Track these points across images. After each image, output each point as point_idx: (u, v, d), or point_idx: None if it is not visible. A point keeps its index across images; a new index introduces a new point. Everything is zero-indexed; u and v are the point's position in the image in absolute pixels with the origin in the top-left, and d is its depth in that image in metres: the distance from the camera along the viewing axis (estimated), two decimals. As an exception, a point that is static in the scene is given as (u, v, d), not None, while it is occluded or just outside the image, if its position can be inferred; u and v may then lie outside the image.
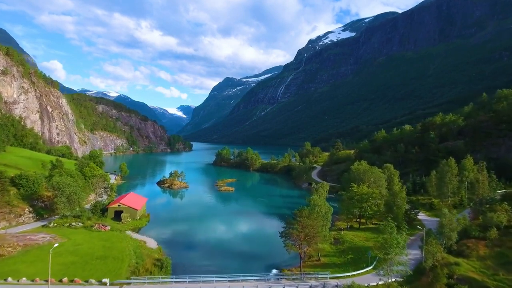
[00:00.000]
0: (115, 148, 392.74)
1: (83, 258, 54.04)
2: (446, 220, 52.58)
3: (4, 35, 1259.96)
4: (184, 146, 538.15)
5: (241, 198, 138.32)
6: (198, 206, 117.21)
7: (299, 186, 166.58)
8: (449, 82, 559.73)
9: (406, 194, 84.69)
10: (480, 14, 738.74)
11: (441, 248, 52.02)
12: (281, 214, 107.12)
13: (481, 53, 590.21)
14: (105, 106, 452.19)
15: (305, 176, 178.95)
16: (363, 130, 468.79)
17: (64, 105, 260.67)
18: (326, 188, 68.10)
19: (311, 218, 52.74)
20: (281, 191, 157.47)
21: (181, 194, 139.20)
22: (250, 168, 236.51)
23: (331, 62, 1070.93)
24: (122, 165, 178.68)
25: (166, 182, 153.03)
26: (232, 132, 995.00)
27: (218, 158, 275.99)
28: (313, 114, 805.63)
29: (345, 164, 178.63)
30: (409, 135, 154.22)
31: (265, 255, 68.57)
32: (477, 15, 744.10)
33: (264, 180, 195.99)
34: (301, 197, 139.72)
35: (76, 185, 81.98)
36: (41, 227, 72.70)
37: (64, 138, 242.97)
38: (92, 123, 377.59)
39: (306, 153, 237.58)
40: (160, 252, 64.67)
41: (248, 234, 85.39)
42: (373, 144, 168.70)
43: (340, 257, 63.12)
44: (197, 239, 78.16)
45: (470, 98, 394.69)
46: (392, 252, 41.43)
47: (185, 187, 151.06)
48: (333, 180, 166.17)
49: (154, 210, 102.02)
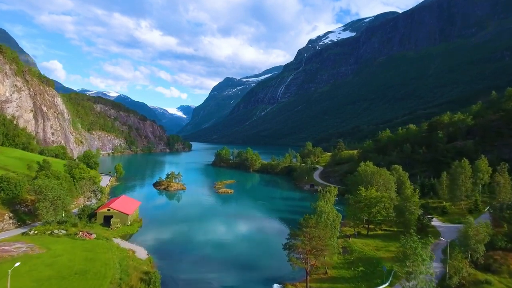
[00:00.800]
0: (113, 148, 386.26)
1: (60, 273, 47.70)
2: (472, 230, 46.29)
3: (4, 35, 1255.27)
4: (183, 146, 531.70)
5: (240, 201, 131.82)
6: (194, 209, 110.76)
7: (300, 188, 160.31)
8: (450, 82, 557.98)
9: (417, 198, 78.42)
10: (481, 14, 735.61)
11: (466, 262, 45.77)
12: (283, 219, 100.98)
13: (482, 53, 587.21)
14: (103, 106, 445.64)
15: (307, 177, 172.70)
16: (364, 130, 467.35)
17: (60, 104, 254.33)
18: (334, 193, 61.62)
19: (319, 228, 46.49)
20: (282, 193, 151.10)
21: (178, 197, 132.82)
22: (250, 169, 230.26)
23: (331, 62, 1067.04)
24: (118, 166, 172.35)
25: (163, 184, 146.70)
26: (232, 132, 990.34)
27: (217, 158, 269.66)
28: (313, 114, 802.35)
29: (348, 165, 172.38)
30: (415, 135, 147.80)
31: (266, 266, 62.25)
32: (478, 14, 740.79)
33: (264, 182, 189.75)
34: (303, 199, 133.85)
35: (61, 189, 75.59)
36: (20, 235, 66.38)
37: (59, 138, 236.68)
38: (90, 123, 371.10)
39: (308, 154, 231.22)
40: (149, 264, 58.38)
41: (248, 242, 79.02)
42: (378, 144, 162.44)
43: (349, 269, 56.79)
44: (192, 247, 71.86)
45: (472, 97, 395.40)
46: (416, 272, 35.16)
47: (182, 189, 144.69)
48: (336, 181, 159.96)
49: (148, 215, 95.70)
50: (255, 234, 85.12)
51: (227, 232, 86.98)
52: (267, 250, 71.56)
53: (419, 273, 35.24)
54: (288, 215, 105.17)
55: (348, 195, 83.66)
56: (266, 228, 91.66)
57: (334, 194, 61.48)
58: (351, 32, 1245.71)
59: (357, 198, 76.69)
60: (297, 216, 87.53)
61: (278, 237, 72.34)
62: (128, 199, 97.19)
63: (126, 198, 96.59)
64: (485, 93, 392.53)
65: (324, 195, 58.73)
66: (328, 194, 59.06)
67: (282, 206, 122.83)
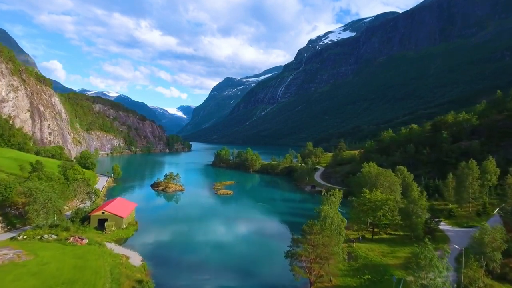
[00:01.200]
0: (111, 149, 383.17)
1: (46, 283, 44.54)
2: (488, 237, 43.14)
3: (3, 35, 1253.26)
4: (183, 146, 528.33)
5: (240, 202, 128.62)
6: (192, 211, 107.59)
7: (301, 189, 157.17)
8: (450, 82, 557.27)
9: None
10: (481, 14, 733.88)
11: (482, 271, 42.65)
12: (284, 222, 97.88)
13: (482, 53, 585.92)
14: (102, 106, 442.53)
15: (308, 178, 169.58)
16: (364, 130, 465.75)
17: (57, 104, 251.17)
18: (339, 197, 58.40)
19: (324, 235, 43.36)
20: (283, 195, 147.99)
21: (176, 198, 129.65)
22: (250, 169, 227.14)
23: (331, 62, 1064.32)
24: (115, 166, 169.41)
25: (161, 185, 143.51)
26: (232, 132, 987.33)
27: (216, 159, 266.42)
28: (314, 114, 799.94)
29: (350, 165, 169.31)
30: (418, 135, 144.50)
31: (267, 273, 59.01)
32: (478, 14, 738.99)
33: (264, 182, 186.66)
34: (304, 201, 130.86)
35: (53, 191, 72.41)
36: (9, 240, 63.23)
37: (57, 138, 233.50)
38: (88, 123, 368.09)
39: (308, 154, 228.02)
40: (144, 271, 55.23)
41: (247, 246, 75.83)
42: (380, 144, 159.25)
43: (354, 277, 53.59)
44: (189, 251, 68.72)
45: (472, 97, 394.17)
46: (432, 285, 32.01)
47: (181, 190, 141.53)
48: (337, 182, 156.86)
49: (145, 217, 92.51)
50: (255, 238, 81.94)
51: (226, 235, 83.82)
52: (268, 255, 68.42)
53: (435, 287, 32.14)
54: (289, 218, 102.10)
55: (352, 197, 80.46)
56: (267, 232, 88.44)
57: (339, 198, 58.22)
58: (351, 32, 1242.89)
59: (362, 200, 73.58)
60: (299, 219, 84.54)
61: (280, 242, 69.33)
62: (123, 201, 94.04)
63: (121, 200, 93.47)
64: (486, 93, 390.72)
65: (328, 198, 55.50)
66: (332, 197, 55.81)
67: (283, 208, 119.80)
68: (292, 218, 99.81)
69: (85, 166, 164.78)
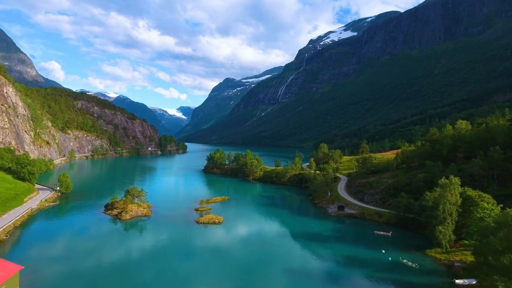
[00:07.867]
0: (93, 150, 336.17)
1: None
2: None
3: (0, 34, 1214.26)
4: (177, 147, 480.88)
5: (231, 244, 76.51)
6: (143, 274, 59.82)
7: (323, 209, 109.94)
8: (459, 80, 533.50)
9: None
10: (488, 11, 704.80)
11: None
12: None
13: (490, 51, 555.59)
14: (86, 102, 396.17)
15: (330, 193, 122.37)
16: (371, 131, 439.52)
17: (11, 96, 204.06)
18: None
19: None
20: (299, 221, 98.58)
21: (130, 234, 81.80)
22: (250, 177, 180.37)
23: (333, 62, 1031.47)
24: (62, 176, 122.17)
25: (116, 207, 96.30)
26: (232, 133, 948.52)
27: (209, 163, 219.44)
28: (315, 115, 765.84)
29: (389, 174, 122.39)
30: (505, 133, 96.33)
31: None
32: (484, 12, 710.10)
33: (268, 197, 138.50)
34: (338, 239, 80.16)
35: None
36: None
37: (8, 137, 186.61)
38: (65, 121, 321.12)
39: (324, 158, 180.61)
40: None
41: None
42: (434, 145, 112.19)
43: None
44: None
45: (487, 95, 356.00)
46: None
47: (145, 215, 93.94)
48: (375, 200, 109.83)
49: (44, 279, 45.32)
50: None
51: None
52: None
53: None
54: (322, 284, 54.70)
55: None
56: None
57: None
58: (352, 32, 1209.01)
59: None
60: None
61: None
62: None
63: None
64: (503, 91, 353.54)
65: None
66: None
67: (306, 257, 71.24)
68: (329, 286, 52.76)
69: (19, 177, 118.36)
